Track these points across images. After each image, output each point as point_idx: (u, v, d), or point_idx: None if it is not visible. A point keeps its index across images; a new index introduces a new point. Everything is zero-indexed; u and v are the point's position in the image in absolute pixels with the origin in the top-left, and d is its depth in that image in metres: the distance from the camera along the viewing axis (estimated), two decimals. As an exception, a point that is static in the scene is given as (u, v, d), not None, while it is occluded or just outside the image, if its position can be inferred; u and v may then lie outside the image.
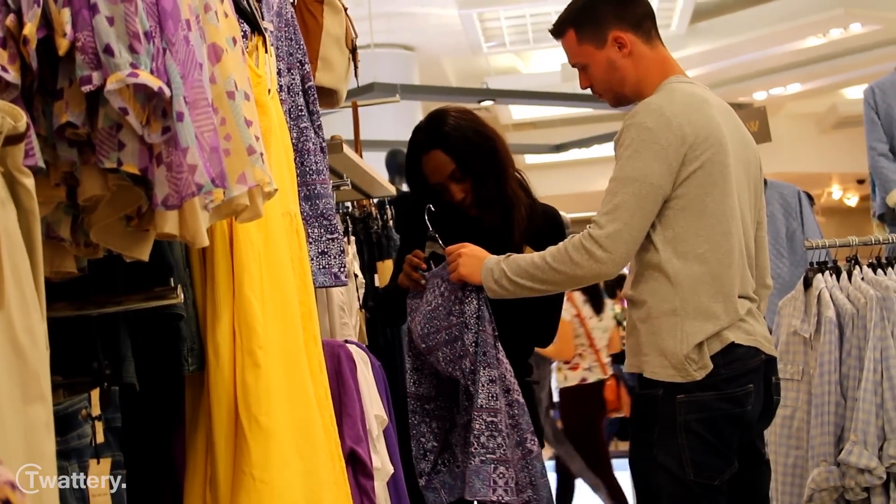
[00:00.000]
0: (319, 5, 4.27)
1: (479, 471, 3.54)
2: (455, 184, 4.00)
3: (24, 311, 1.65)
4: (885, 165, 7.23)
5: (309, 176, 3.59)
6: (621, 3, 3.62)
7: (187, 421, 2.84)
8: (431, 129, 4.08)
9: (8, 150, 1.64)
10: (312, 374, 3.00)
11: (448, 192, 4.01)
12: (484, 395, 3.59)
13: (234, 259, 2.77)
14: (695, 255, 3.39)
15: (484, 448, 3.55)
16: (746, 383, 3.41)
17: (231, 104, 2.26)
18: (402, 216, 4.30)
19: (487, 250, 3.68)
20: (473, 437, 3.56)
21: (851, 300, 4.54)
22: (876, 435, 4.33)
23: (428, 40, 15.05)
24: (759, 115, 7.08)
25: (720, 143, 3.43)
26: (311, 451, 2.85)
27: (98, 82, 1.89)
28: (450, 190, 4.00)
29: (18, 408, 1.63)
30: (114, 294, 2.49)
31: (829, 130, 19.24)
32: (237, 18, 2.63)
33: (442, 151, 4.00)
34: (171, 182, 1.99)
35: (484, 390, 3.60)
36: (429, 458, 3.84)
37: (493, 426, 3.57)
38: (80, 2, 1.91)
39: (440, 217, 3.93)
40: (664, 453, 3.40)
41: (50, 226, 2.16)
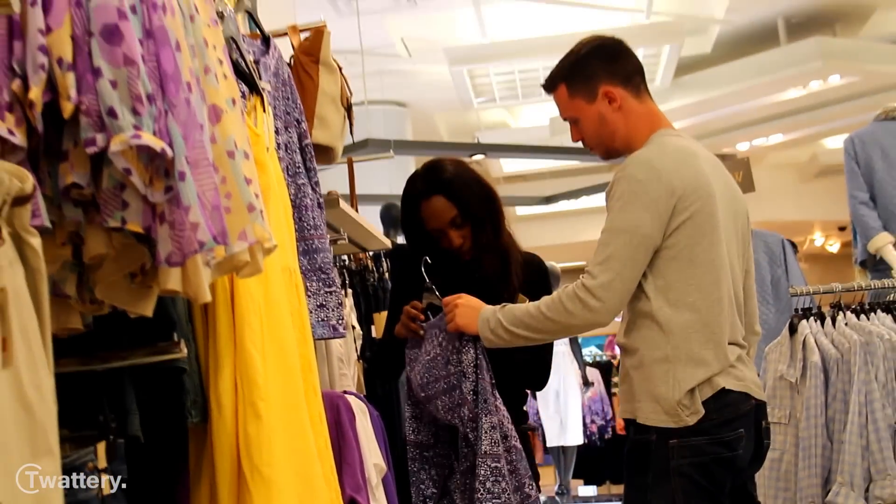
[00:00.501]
0: (315, 65, 4.29)
1: None
2: (454, 230, 4.01)
3: (32, 368, 1.65)
4: (865, 213, 7.24)
5: (307, 231, 3.60)
6: (611, 59, 3.63)
7: (191, 471, 2.83)
8: (431, 176, 4.08)
9: (15, 210, 1.65)
10: (313, 425, 2.99)
11: (446, 238, 4.01)
12: (487, 441, 3.59)
13: (235, 313, 2.77)
14: (685, 303, 3.39)
15: (490, 493, 3.54)
16: (737, 428, 3.41)
17: (231, 163, 2.26)
18: (397, 268, 4.30)
19: (483, 299, 3.69)
20: (479, 482, 3.56)
21: (836, 345, 4.55)
22: (862, 476, 4.32)
23: (420, 96, 15.10)
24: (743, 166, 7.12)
25: (708, 195, 3.44)
26: (311, 499, 2.85)
27: (102, 144, 1.90)
28: (448, 236, 4.01)
29: (28, 461, 1.62)
30: (119, 349, 2.49)
31: (810, 179, 19.28)
32: (236, 79, 2.64)
33: (444, 197, 4.01)
34: (174, 240, 1.99)
35: (487, 437, 3.59)
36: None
37: (497, 471, 3.57)
38: (84, 66, 1.92)
39: (436, 268, 3.93)
40: (657, 498, 3.39)
41: (56, 283, 2.16)
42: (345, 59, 4.65)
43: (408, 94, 14.89)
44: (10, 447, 1.57)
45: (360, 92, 8.37)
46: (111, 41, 1.93)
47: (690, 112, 13.86)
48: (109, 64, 1.92)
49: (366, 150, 9.43)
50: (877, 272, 7.17)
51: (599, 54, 3.64)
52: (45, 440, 1.67)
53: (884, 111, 7.60)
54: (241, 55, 3.11)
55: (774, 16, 13.50)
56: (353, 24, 9.84)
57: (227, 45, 2.79)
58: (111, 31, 1.94)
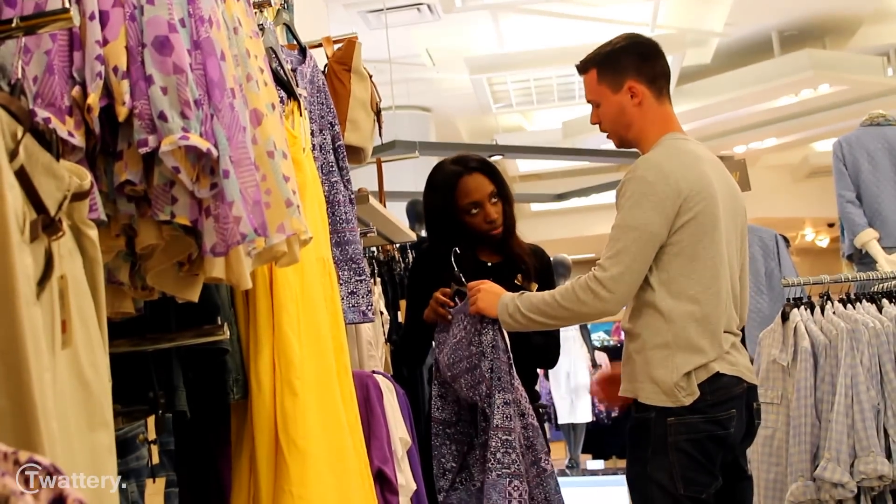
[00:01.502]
0: (347, 73, 4.29)
1: (496, 484, 3.54)
2: (491, 205, 4.05)
3: (89, 348, 1.66)
4: (852, 211, 7.23)
5: (339, 224, 3.61)
6: (643, 59, 3.62)
7: (233, 444, 2.84)
8: (466, 159, 4.17)
9: (74, 205, 1.65)
10: (344, 402, 3.00)
11: (483, 211, 4.06)
12: (499, 415, 3.59)
13: (273, 299, 2.78)
14: (686, 295, 3.40)
15: (500, 464, 3.55)
16: (730, 408, 3.41)
17: (271, 162, 2.27)
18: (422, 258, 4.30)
19: (501, 284, 3.71)
20: (490, 453, 3.56)
21: (824, 332, 4.54)
22: (848, 453, 4.32)
23: (443, 102, 15.09)
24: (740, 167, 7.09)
25: (711, 197, 3.44)
26: (343, 470, 2.86)
27: (153, 145, 1.90)
28: (486, 209, 4.05)
29: (85, 433, 1.63)
30: (167, 332, 2.50)
31: (801, 180, 19.21)
32: (275, 86, 2.65)
33: (482, 174, 4.06)
34: (219, 232, 2.00)
35: (499, 412, 3.60)
36: (447, 477, 3.83)
37: (507, 444, 3.57)
38: (137, 74, 1.93)
39: (459, 259, 3.94)
40: (657, 470, 3.40)
41: (111, 272, 2.18)
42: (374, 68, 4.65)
43: (432, 99, 14.88)
44: (69, 420, 1.58)
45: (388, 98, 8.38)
46: (162, 52, 1.94)
47: (692, 117, 13.82)
48: (160, 72, 1.93)
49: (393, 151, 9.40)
50: (862, 265, 7.16)
51: (633, 51, 3.63)
52: (100, 414, 1.68)
53: (869, 117, 7.59)
54: (280, 64, 3.12)
55: (769, 29, 13.46)
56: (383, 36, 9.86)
57: (268, 54, 2.80)
58: (162, 43, 1.95)
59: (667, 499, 3.39)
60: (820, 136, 16.47)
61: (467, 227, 4.09)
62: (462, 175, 4.08)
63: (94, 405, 1.66)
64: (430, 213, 4.21)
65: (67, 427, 1.56)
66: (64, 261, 1.60)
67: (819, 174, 17.72)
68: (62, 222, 1.59)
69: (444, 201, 4.10)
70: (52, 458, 1.36)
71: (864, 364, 4.42)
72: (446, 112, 15.59)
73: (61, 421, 1.51)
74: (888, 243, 7.13)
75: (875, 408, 4.38)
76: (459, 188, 4.07)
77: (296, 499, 2.67)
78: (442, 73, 13.54)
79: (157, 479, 2.38)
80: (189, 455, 2.80)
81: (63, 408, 1.56)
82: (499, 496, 3.53)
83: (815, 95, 13.85)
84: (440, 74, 13.57)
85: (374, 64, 8.56)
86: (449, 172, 4.13)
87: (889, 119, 7.54)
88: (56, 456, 1.45)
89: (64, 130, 1.83)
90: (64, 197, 1.60)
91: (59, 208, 1.58)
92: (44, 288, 1.52)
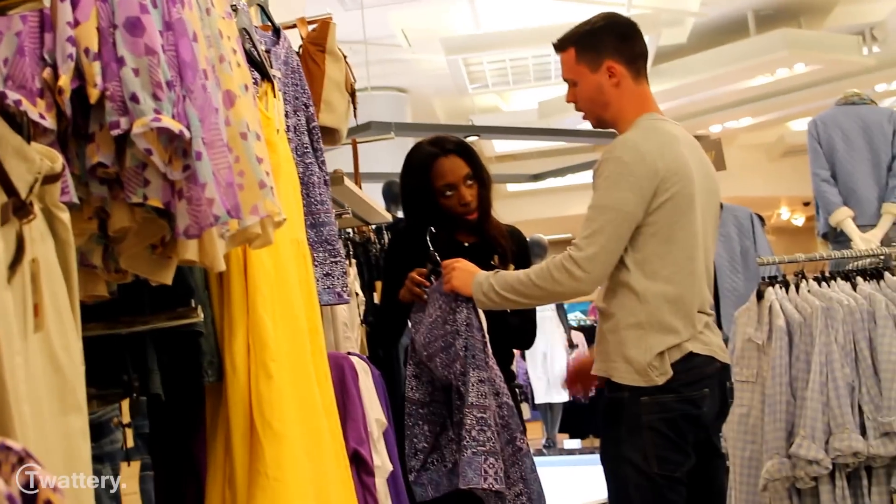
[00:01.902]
0: (322, 54, 4.28)
1: (471, 461, 3.54)
2: (466, 187, 4.05)
3: (62, 332, 1.66)
4: (827, 190, 7.26)
5: (314, 206, 3.61)
6: (622, 38, 3.62)
7: (208, 426, 2.84)
8: (443, 140, 4.15)
9: (46, 188, 1.65)
10: (319, 383, 3.00)
11: (458, 194, 4.04)
12: (474, 393, 3.59)
13: (247, 281, 2.78)
14: (661, 276, 3.41)
15: (475, 441, 3.55)
16: (703, 388, 3.43)
17: (244, 144, 2.26)
18: (398, 238, 4.30)
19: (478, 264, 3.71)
20: (465, 431, 3.56)
21: (799, 310, 4.55)
22: (822, 430, 4.34)
23: (419, 83, 15.07)
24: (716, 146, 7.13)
25: (688, 177, 3.44)
26: (318, 451, 2.86)
27: (125, 127, 1.90)
28: (461, 191, 4.04)
29: (58, 417, 1.63)
30: (141, 314, 2.50)
31: (777, 159, 19.26)
32: (249, 67, 2.64)
33: (458, 156, 4.06)
34: (192, 214, 2.00)
35: (474, 389, 3.60)
36: (419, 457, 3.83)
37: (482, 421, 3.57)
38: (108, 55, 1.92)
39: (435, 239, 3.94)
40: (630, 449, 3.42)
41: (84, 255, 2.17)
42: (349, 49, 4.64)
43: (407, 80, 14.86)
44: (41, 404, 1.57)
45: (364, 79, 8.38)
46: (134, 33, 1.93)
47: (668, 97, 13.84)
48: (132, 53, 1.93)
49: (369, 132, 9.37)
50: (837, 243, 7.19)
51: (613, 31, 3.62)
52: (73, 398, 1.68)
53: (844, 96, 7.62)
54: (254, 45, 3.11)
55: (744, 9, 13.48)
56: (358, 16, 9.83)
57: (241, 35, 2.79)
58: (133, 24, 1.94)
59: (641, 478, 3.40)
60: (795, 116, 16.52)
61: (442, 209, 4.09)
62: (438, 157, 4.07)
63: (67, 389, 1.66)
64: (406, 195, 4.21)
65: (40, 411, 1.56)
66: (36, 244, 1.60)
67: (794, 153, 17.77)
68: (33, 205, 1.58)
69: (419, 183, 4.10)
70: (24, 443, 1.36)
71: (839, 342, 4.44)
72: (422, 93, 15.57)
73: (34, 405, 1.51)
74: (863, 221, 7.16)
75: (849, 385, 4.40)
76: (435, 170, 4.06)
77: (271, 481, 2.67)
78: (418, 54, 13.52)
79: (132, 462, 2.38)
80: (164, 438, 2.80)
81: (35, 392, 1.55)
82: (474, 473, 3.53)
83: (791, 75, 13.89)
84: (416, 55, 13.56)
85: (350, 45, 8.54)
86: (425, 154, 4.12)
87: (864, 98, 7.56)
88: (28, 440, 1.45)
89: (35, 113, 1.82)
90: (35, 180, 1.60)
91: (31, 191, 1.58)
92: (15, 272, 1.52)
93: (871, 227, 7.13)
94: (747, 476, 4.65)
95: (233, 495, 2.73)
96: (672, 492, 3.42)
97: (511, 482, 3.65)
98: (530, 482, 3.69)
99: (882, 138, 7.29)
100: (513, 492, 3.65)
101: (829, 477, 4.37)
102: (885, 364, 4.40)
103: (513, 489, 3.65)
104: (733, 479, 4.66)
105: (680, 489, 3.44)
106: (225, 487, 2.77)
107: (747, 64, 13.33)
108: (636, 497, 3.44)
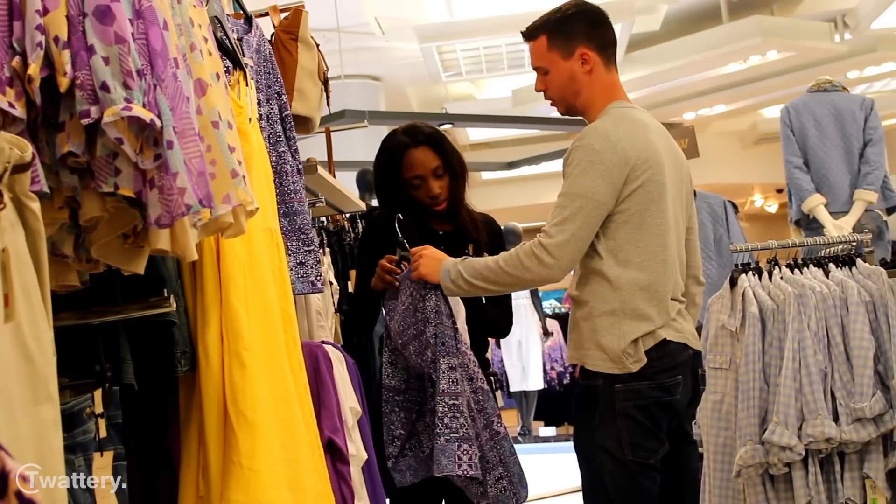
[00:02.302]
0: (294, 42, 4.27)
1: (445, 449, 3.54)
2: (435, 179, 4.05)
3: (33, 321, 1.65)
4: (799, 177, 7.30)
5: (287, 195, 3.60)
6: (594, 25, 3.62)
7: (181, 416, 2.84)
8: (415, 131, 4.13)
9: (16, 177, 1.64)
10: (293, 373, 3.00)
11: (426, 186, 4.04)
12: (445, 380, 3.60)
13: (220, 271, 2.77)
14: (633, 263, 3.42)
15: (448, 428, 3.55)
16: (676, 375, 3.45)
17: (216, 132, 2.26)
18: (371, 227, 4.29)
19: (451, 253, 3.71)
20: (438, 419, 3.57)
21: (772, 297, 4.57)
22: (795, 416, 4.35)
23: (392, 71, 15.05)
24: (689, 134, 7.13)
25: (658, 165, 3.45)
26: (292, 441, 2.86)
27: (96, 115, 1.89)
28: (429, 184, 4.04)
29: (29, 408, 1.63)
30: (113, 304, 2.49)
31: (750, 146, 19.32)
32: (220, 56, 2.63)
33: (428, 148, 4.06)
34: (163, 203, 1.99)
35: (445, 377, 3.60)
36: (396, 444, 3.84)
37: (455, 408, 3.58)
38: (78, 44, 1.91)
39: (407, 225, 3.94)
40: (605, 436, 3.43)
41: (55, 244, 2.16)
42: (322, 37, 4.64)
43: (381, 68, 14.84)
44: (12, 395, 1.57)
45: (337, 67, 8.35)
46: (103, 21, 1.93)
47: (641, 84, 13.87)
48: (102, 42, 1.92)
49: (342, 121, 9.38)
50: (810, 230, 7.23)
51: (584, 18, 3.63)
52: (45, 388, 1.67)
53: (816, 83, 7.65)
54: (226, 33, 3.10)
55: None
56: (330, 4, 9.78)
57: (212, 24, 2.78)
58: (103, 12, 1.93)
59: (615, 465, 3.42)
60: (768, 103, 16.57)
61: (412, 198, 4.10)
62: (409, 148, 4.07)
63: (39, 379, 1.66)
64: (378, 183, 4.21)
65: (11, 401, 1.56)
66: (6, 234, 1.59)
67: (768, 140, 17.83)
68: (3, 195, 1.57)
69: (390, 173, 4.11)
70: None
71: (812, 328, 4.46)
72: (396, 81, 15.55)
73: (4, 395, 1.51)
74: (835, 208, 7.20)
75: (822, 371, 4.42)
76: (404, 161, 4.06)
77: (245, 470, 2.67)
78: (391, 42, 13.50)
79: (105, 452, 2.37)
80: (137, 428, 2.79)
81: (6, 382, 1.55)
82: (448, 460, 3.54)
83: (764, 62, 13.92)
84: (389, 43, 13.53)
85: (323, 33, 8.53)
86: (396, 144, 4.11)
87: (836, 85, 7.60)
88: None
89: (4, 101, 1.82)
90: (4, 169, 1.59)
91: (0, 180, 1.57)
92: (-15, 261, 1.51)
93: (844, 214, 7.17)
94: (721, 462, 4.66)
95: (207, 485, 2.73)
96: (646, 478, 3.44)
97: (490, 466, 3.66)
98: (510, 465, 3.70)
99: (854, 125, 7.32)
100: (492, 476, 3.67)
101: (802, 463, 4.39)
102: (856, 350, 4.42)
103: (492, 473, 3.67)
104: (707, 466, 4.68)
105: (654, 476, 3.46)
106: (199, 477, 2.77)
107: (720, 51, 13.35)
108: (610, 484, 3.45)
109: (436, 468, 3.56)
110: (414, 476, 3.84)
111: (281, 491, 2.74)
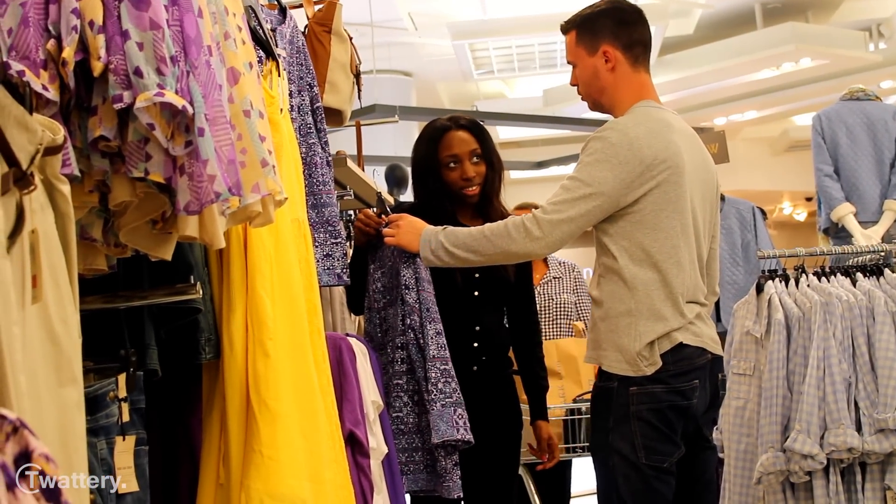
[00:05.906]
0: (327, 35, 4.27)
1: (443, 414, 3.57)
2: (471, 163, 4.09)
3: (60, 304, 1.66)
4: (829, 185, 7.28)
5: (316, 187, 3.60)
6: (621, 23, 3.63)
7: (204, 404, 2.84)
8: (459, 117, 4.23)
9: (47, 160, 1.65)
10: (316, 364, 3.00)
11: (461, 168, 4.08)
12: (434, 346, 3.63)
13: (247, 260, 2.77)
14: (649, 263, 3.42)
15: (442, 393, 3.58)
16: (692, 379, 3.44)
17: (247, 121, 2.26)
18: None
19: None
20: (431, 384, 3.59)
21: (798, 305, 4.55)
22: (818, 425, 4.33)
23: (424, 67, 15.06)
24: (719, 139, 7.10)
25: (677, 166, 3.44)
26: (313, 431, 2.86)
27: (128, 101, 1.90)
28: (465, 165, 4.08)
29: (53, 389, 1.63)
30: (140, 289, 2.50)
31: (780, 153, 19.26)
32: (253, 45, 2.64)
33: (469, 132, 4.11)
34: (193, 190, 1.99)
35: (433, 342, 3.63)
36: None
37: (446, 373, 3.62)
38: (113, 29, 1.92)
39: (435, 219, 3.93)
40: (619, 439, 3.43)
41: (84, 228, 2.17)
42: (355, 31, 4.64)
43: (413, 64, 14.86)
44: (37, 375, 1.57)
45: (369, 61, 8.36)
46: (139, 7, 1.93)
47: (673, 88, 13.85)
48: (137, 27, 1.92)
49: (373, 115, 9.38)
50: (838, 239, 7.20)
51: (612, 16, 3.64)
52: (69, 370, 1.67)
53: (849, 92, 7.62)
54: (259, 23, 3.10)
55: (752, 1, 13.49)
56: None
57: (246, 13, 2.78)
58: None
59: (629, 468, 3.42)
60: (800, 110, 16.52)
61: (446, 182, 4.11)
62: (449, 129, 4.13)
63: (64, 361, 1.66)
64: (415, 165, 4.25)
65: (36, 382, 1.56)
66: (35, 215, 1.59)
67: (798, 148, 17.77)
68: (34, 176, 1.58)
69: (427, 152, 4.15)
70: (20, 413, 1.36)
71: (837, 337, 4.44)
72: (427, 77, 15.57)
73: (30, 376, 1.51)
74: (864, 217, 7.18)
75: (846, 381, 4.40)
76: (443, 141, 4.12)
77: (266, 459, 2.67)
78: (424, 38, 13.51)
79: (127, 437, 2.37)
80: (159, 414, 2.80)
81: (32, 363, 1.55)
82: (447, 425, 3.56)
83: (797, 69, 13.87)
84: (422, 39, 13.54)
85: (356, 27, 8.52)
86: (438, 126, 4.19)
87: (869, 94, 7.57)
88: (24, 411, 1.45)
89: (38, 84, 1.82)
90: (36, 151, 1.60)
91: (32, 162, 1.58)
92: (14, 242, 1.51)
93: (873, 224, 7.15)
94: (742, 469, 4.64)
95: (227, 473, 2.73)
96: (660, 482, 3.43)
97: None
98: None
99: (886, 135, 7.30)
100: None
101: (823, 472, 4.37)
102: (882, 361, 4.40)
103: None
104: (728, 472, 4.66)
105: (668, 480, 3.45)
106: (220, 465, 2.77)
107: (753, 57, 13.31)
108: (624, 487, 3.45)
109: (434, 435, 3.58)
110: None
111: (301, 481, 2.74)
